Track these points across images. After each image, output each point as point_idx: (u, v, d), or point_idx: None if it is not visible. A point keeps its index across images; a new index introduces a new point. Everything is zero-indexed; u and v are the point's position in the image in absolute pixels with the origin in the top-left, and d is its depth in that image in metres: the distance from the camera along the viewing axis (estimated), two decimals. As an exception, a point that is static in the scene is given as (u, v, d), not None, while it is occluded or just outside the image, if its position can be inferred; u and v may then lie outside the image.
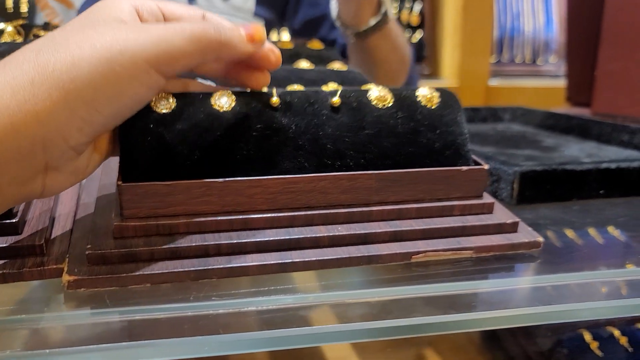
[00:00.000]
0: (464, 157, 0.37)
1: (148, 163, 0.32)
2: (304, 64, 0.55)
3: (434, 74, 1.94)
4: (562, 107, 1.01)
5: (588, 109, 0.92)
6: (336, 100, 0.35)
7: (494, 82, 1.86)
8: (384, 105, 0.36)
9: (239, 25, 0.31)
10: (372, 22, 0.80)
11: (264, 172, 0.34)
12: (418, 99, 0.37)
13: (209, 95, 0.33)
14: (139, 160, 0.32)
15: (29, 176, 0.26)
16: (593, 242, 0.41)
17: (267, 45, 0.33)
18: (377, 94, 0.36)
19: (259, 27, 0.31)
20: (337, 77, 0.52)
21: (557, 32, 1.97)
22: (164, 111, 0.32)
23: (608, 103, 0.87)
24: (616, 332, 0.67)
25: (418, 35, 1.92)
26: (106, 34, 0.26)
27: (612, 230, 0.43)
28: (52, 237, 0.33)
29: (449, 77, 1.85)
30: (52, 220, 0.35)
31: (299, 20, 0.99)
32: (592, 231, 0.42)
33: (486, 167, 0.37)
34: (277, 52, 0.33)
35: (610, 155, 0.65)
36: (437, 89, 0.38)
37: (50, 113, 0.25)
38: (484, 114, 0.91)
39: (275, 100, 0.34)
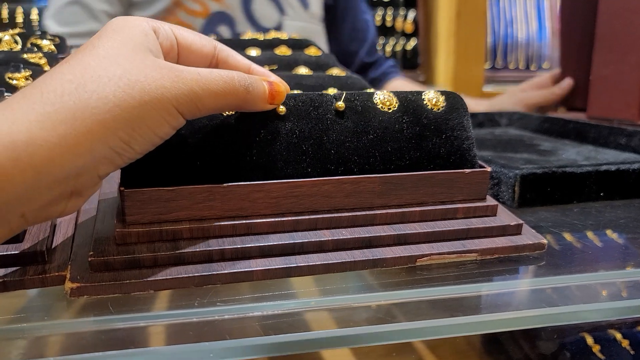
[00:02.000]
0: (470, 162, 0.37)
1: (150, 169, 0.32)
2: (302, 70, 0.55)
3: (428, 80, 1.94)
4: (557, 113, 1.01)
5: (583, 113, 0.92)
6: (341, 104, 0.35)
7: (488, 88, 1.87)
8: (390, 108, 0.36)
9: (264, 79, 0.32)
10: None
11: (267, 178, 0.34)
12: (424, 102, 0.37)
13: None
14: (142, 166, 0.32)
15: (56, 201, 0.27)
16: (594, 244, 0.41)
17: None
18: (383, 97, 0.36)
19: (281, 87, 0.33)
20: (337, 82, 0.53)
21: (549, 38, 1.98)
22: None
23: (603, 107, 0.88)
24: (618, 335, 0.67)
25: (412, 43, 1.93)
26: (148, 78, 0.27)
27: (612, 232, 0.43)
28: (54, 244, 0.33)
29: (443, 84, 1.86)
30: (54, 227, 0.35)
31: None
32: (592, 234, 0.42)
33: (489, 169, 0.37)
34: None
35: (609, 158, 0.65)
36: (443, 92, 0.38)
37: (90, 148, 0.26)
38: (481, 118, 0.91)
39: (281, 109, 0.34)
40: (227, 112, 0.33)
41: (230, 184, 0.32)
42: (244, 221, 0.33)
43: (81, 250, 0.32)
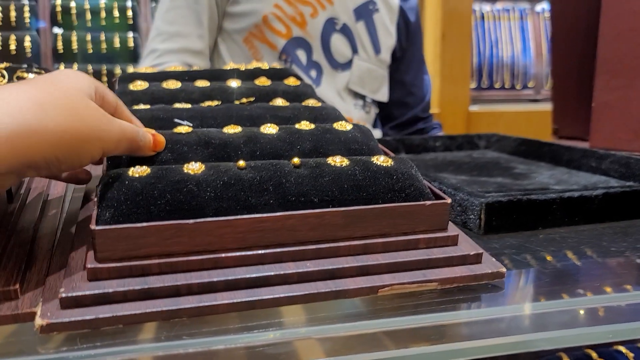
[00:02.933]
0: (425, 194, 0.39)
1: (122, 208, 0.34)
2: (279, 102, 0.57)
3: (416, 101, 1.97)
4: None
5: (579, 142, 0.88)
6: (296, 160, 0.39)
7: (475, 108, 1.90)
8: (341, 164, 0.40)
9: (149, 131, 0.40)
10: None
11: (231, 208, 0.36)
12: (373, 160, 0.41)
13: (181, 164, 0.38)
14: (114, 206, 0.34)
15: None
16: (556, 270, 0.42)
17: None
18: (336, 159, 0.40)
19: (161, 139, 0.41)
20: (311, 113, 0.54)
21: (534, 58, 2.02)
22: (137, 175, 0.36)
23: (607, 137, 0.82)
24: (594, 355, 0.69)
25: (399, 64, 1.96)
26: (92, 118, 0.34)
27: (574, 258, 0.44)
28: (28, 279, 0.34)
29: (430, 105, 1.88)
30: (29, 257, 0.36)
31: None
32: (554, 260, 0.44)
33: (448, 201, 0.39)
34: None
35: (580, 181, 0.67)
36: (393, 157, 0.42)
37: (32, 155, 0.31)
38: (460, 141, 0.93)
39: (241, 163, 0.38)
40: (194, 171, 0.37)
41: (197, 220, 0.34)
42: (211, 256, 0.34)
43: (54, 285, 0.33)
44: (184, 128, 0.43)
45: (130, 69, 0.70)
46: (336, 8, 1.08)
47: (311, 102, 0.58)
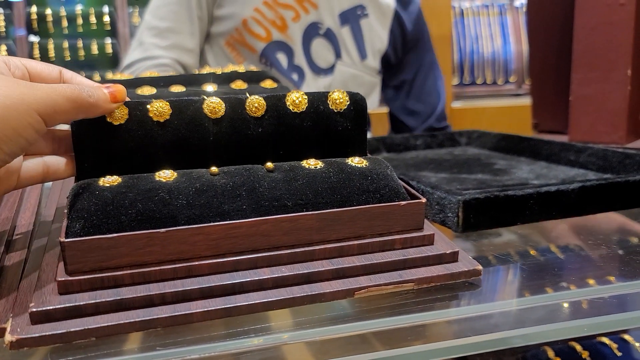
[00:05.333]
0: (400, 194, 0.39)
1: (93, 219, 0.33)
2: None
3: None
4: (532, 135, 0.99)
5: (558, 135, 0.88)
6: (270, 165, 0.39)
7: (457, 104, 1.90)
8: (315, 166, 0.40)
9: (102, 86, 0.37)
10: None
11: (204, 215, 0.35)
12: (348, 162, 0.41)
13: (152, 173, 0.38)
14: (84, 217, 0.33)
15: None
16: (535, 265, 0.43)
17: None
18: (310, 162, 0.40)
19: (120, 90, 0.38)
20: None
21: (514, 53, 2.03)
22: (107, 184, 0.36)
23: (586, 130, 0.83)
24: (578, 347, 0.69)
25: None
26: (7, 88, 0.31)
27: (553, 251, 0.44)
28: (-2, 295, 0.33)
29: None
30: (0, 273, 0.35)
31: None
32: (532, 254, 0.44)
33: (423, 200, 0.39)
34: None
35: (559, 174, 0.67)
36: (368, 158, 0.42)
37: None
38: (440, 139, 0.93)
39: (214, 169, 0.38)
40: (166, 178, 0.37)
41: (169, 228, 0.33)
42: (185, 264, 0.34)
43: (25, 300, 0.33)
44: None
45: (110, 75, 0.69)
46: (321, 12, 1.07)
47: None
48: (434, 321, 0.34)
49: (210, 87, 0.60)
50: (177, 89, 0.59)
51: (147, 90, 0.58)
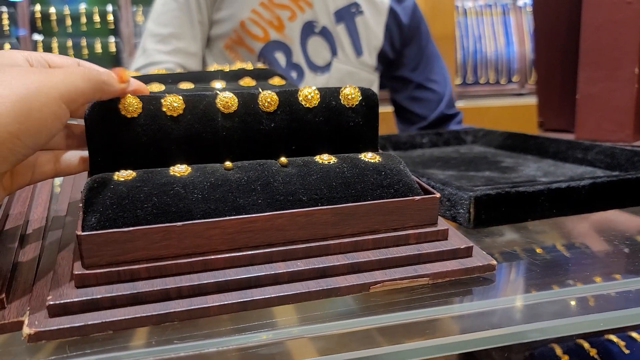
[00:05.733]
0: (413, 189, 0.39)
1: (108, 212, 0.33)
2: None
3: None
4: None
5: (564, 134, 0.88)
6: (283, 160, 0.39)
7: (461, 104, 1.90)
8: (329, 162, 0.40)
9: (108, 70, 0.38)
10: None
11: (219, 209, 0.35)
12: (361, 157, 0.41)
13: (167, 168, 0.38)
14: (100, 211, 0.33)
15: None
16: (546, 261, 0.43)
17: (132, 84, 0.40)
18: (324, 157, 0.40)
19: (122, 69, 0.38)
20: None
21: (517, 52, 2.03)
22: (122, 179, 0.36)
23: (593, 129, 0.83)
24: (586, 345, 0.69)
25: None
26: (20, 77, 0.30)
27: (562, 248, 0.44)
28: (14, 288, 0.33)
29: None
30: (15, 267, 0.35)
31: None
32: (543, 250, 0.44)
33: (437, 195, 0.39)
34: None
35: (567, 172, 0.67)
36: (381, 153, 0.42)
37: None
38: (447, 137, 0.93)
39: (228, 164, 0.38)
40: (180, 173, 0.37)
41: (185, 222, 0.33)
42: (201, 258, 0.34)
43: (41, 293, 0.33)
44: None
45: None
46: (316, 11, 1.08)
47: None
48: (449, 315, 0.34)
49: (218, 84, 0.60)
50: (185, 85, 0.59)
51: (155, 87, 0.58)
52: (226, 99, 0.40)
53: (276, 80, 0.64)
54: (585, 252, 0.44)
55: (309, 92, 0.42)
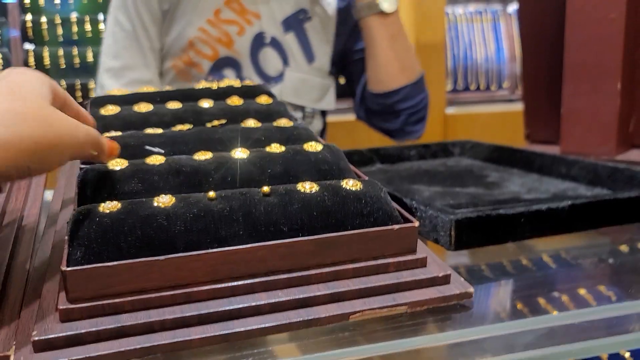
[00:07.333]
0: (393, 217, 0.40)
1: (93, 246, 0.34)
2: (251, 123, 0.57)
3: (393, 104, 1.98)
4: (526, 146, 0.97)
5: (551, 146, 0.89)
6: (266, 189, 0.40)
7: (451, 110, 1.92)
8: (311, 190, 0.40)
9: (106, 140, 0.41)
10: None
11: (201, 241, 0.36)
12: (342, 185, 0.41)
13: (151, 198, 0.38)
14: (85, 244, 0.34)
15: None
16: (526, 284, 0.44)
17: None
18: (305, 185, 0.41)
19: (115, 145, 0.41)
20: (283, 134, 0.55)
21: (507, 59, 2.05)
22: (107, 210, 0.36)
23: (577, 142, 0.84)
24: None
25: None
26: (61, 126, 0.35)
27: (541, 271, 0.46)
28: (0, 320, 0.34)
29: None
30: (1, 296, 0.36)
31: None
32: (523, 273, 0.45)
33: (416, 224, 0.40)
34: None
35: (550, 188, 0.68)
36: (362, 180, 0.43)
37: (6, 166, 0.31)
38: (434, 149, 0.94)
39: (211, 194, 0.38)
40: (164, 204, 0.38)
41: (168, 256, 0.34)
42: (183, 290, 0.35)
43: (27, 327, 0.34)
44: (155, 158, 0.44)
45: (108, 91, 0.71)
46: (263, 22, 1.06)
47: (283, 122, 0.59)
48: (427, 346, 0.35)
49: (206, 104, 0.61)
50: (173, 105, 0.60)
51: (143, 107, 0.58)
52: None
53: (263, 99, 0.64)
54: (566, 274, 0.45)
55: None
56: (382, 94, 1.10)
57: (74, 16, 1.67)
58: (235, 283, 0.35)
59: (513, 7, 2.08)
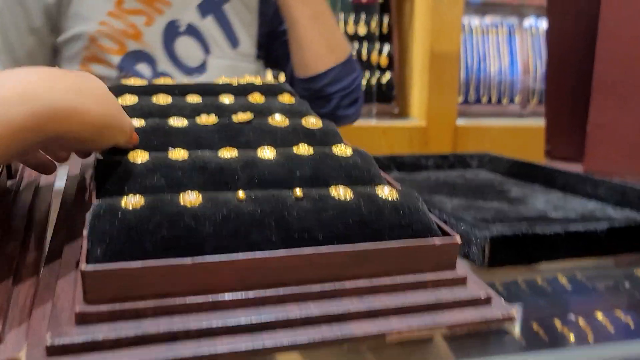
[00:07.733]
0: (432, 230, 0.38)
1: (115, 244, 0.31)
2: (278, 119, 0.54)
3: (402, 113, 1.97)
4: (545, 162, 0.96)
5: (573, 163, 0.86)
6: (298, 193, 0.37)
7: (461, 122, 1.90)
8: (345, 197, 0.38)
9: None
10: None
11: (231, 245, 0.34)
12: (377, 193, 0.39)
13: (177, 195, 0.36)
14: (106, 241, 0.31)
15: None
16: (565, 304, 0.41)
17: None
18: (339, 191, 0.38)
19: (137, 138, 0.43)
20: (310, 134, 0.52)
21: (521, 73, 2.03)
22: (130, 207, 0.34)
23: (602, 160, 0.81)
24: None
25: (387, 76, 1.95)
26: (118, 110, 0.38)
27: (582, 293, 0.43)
28: (10, 322, 0.31)
29: (417, 117, 1.88)
30: (9, 300, 0.33)
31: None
32: (561, 298, 0.43)
33: (458, 240, 0.37)
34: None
35: (576, 207, 0.66)
36: (398, 190, 0.40)
37: (67, 131, 0.33)
38: (451, 160, 0.92)
39: (241, 195, 0.36)
40: (191, 203, 0.35)
41: (196, 259, 0.32)
42: (210, 297, 0.32)
43: (39, 329, 0.31)
44: (179, 153, 0.41)
45: (124, 80, 0.67)
46: (175, 8, 0.95)
47: (310, 121, 0.56)
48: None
49: (227, 100, 0.59)
50: (193, 99, 0.57)
51: (162, 99, 0.56)
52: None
53: (286, 98, 0.62)
54: (605, 298, 0.43)
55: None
56: (309, 78, 0.99)
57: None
58: (265, 292, 0.33)
59: (529, 22, 2.06)
